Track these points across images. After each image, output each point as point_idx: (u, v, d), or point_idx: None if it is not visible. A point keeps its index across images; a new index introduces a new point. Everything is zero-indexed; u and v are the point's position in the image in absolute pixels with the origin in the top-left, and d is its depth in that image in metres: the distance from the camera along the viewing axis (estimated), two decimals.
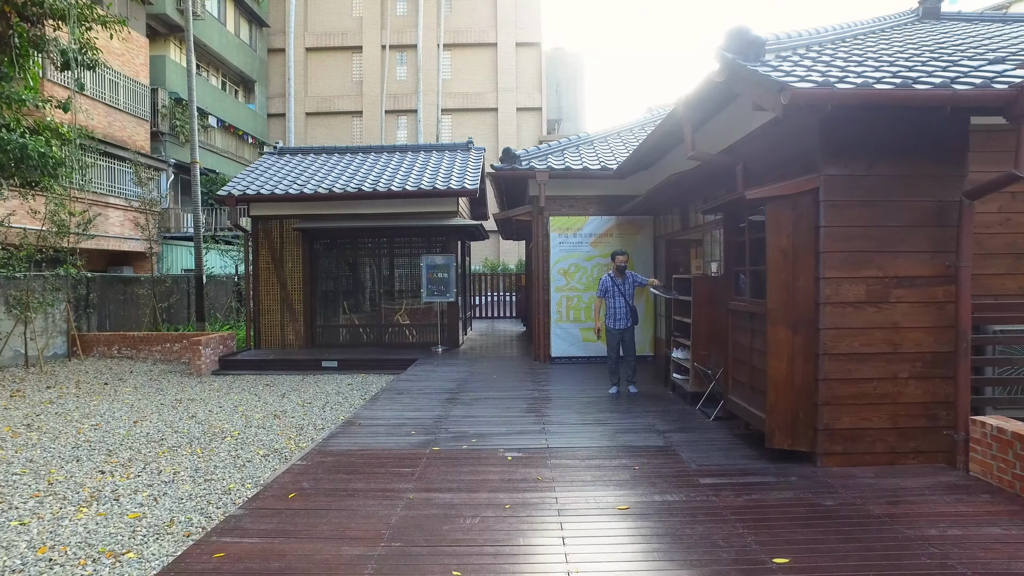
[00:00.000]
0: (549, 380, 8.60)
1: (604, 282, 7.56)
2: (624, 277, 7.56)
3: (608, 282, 7.53)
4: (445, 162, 13.14)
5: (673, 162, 8.65)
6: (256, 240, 12.35)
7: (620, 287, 7.51)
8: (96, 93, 19.59)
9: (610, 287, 7.51)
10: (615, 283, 7.50)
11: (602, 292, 7.57)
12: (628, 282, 7.57)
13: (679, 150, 8.28)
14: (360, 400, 8.35)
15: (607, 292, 7.53)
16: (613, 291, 7.50)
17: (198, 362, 10.39)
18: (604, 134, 11.61)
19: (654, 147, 7.90)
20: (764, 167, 5.42)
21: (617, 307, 7.49)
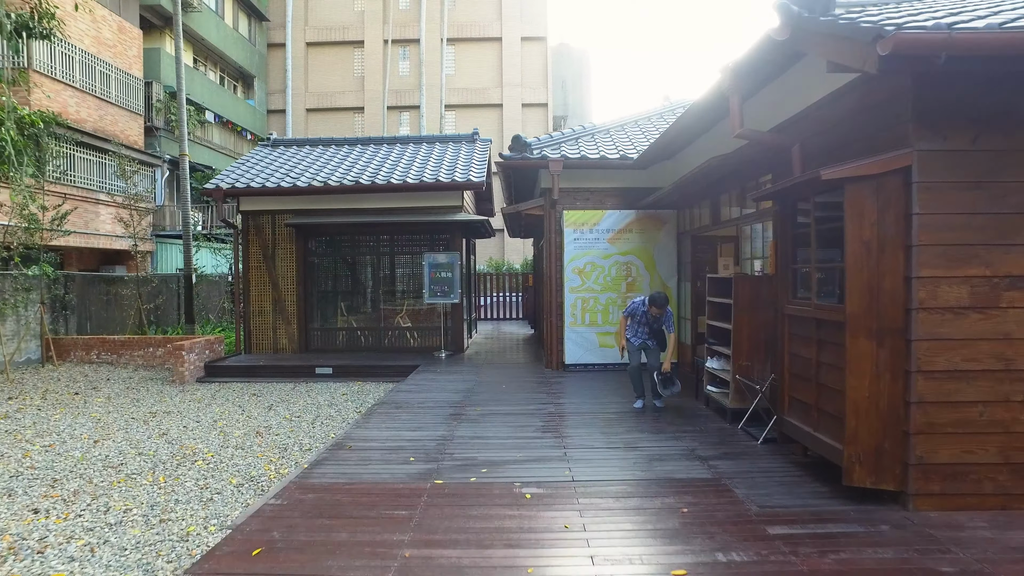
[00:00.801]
0: (565, 391, 7.74)
1: (635, 306, 6.72)
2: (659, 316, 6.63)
3: (639, 309, 6.68)
4: (449, 154, 12.30)
5: (701, 151, 7.81)
6: (246, 237, 11.53)
7: (649, 321, 6.66)
8: (86, 84, 18.82)
9: (640, 315, 6.67)
10: (645, 315, 6.65)
11: (628, 313, 6.79)
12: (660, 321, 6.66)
13: (710, 137, 7.44)
14: (355, 413, 7.51)
15: (633, 317, 6.73)
16: (641, 319, 6.68)
17: (181, 369, 9.56)
18: (621, 122, 10.75)
19: (684, 131, 7.04)
20: (829, 146, 4.55)
21: (639, 331, 6.71)
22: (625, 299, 9.24)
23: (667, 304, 6.55)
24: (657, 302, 6.48)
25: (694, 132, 7.29)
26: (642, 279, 9.29)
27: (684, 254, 9.22)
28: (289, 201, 11.36)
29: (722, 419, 6.11)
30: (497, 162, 8.95)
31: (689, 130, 7.04)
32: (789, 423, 4.70)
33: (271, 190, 10.87)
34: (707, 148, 7.61)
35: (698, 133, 7.50)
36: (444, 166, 11.42)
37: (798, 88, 4.84)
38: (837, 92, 4.27)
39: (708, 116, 6.30)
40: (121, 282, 13.05)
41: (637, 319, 6.67)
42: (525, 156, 8.94)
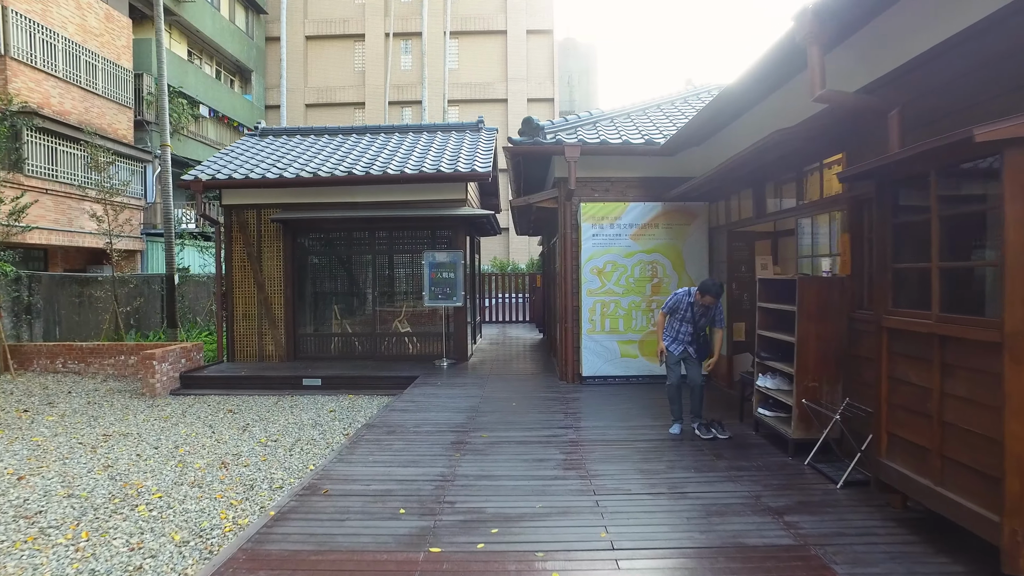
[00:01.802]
0: (584, 410, 6.68)
1: (679, 298, 5.68)
2: (707, 309, 5.62)
3: (684, 300, 5.64)
4: (451, 144, 11.24)
5: (738, 135, 6.80)
6: (229, 234, 10.49)
7: (695, 314, 5.60)
8: (69, 74, 17.86)
9: (684, 308, 5.62)
10: (691, 307, 5.59)
11: (669, 308, 5.72)
12: (710, 314, 5.64)
13: (753, 116, 6.39)
14: (342, 435, 6.46)
15: (676, 311, 5.66)
16: (685, 313, 5.61)
17: (151, 381, 8.54)
18: (643, 106, 9.68)
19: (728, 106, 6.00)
20: (946, 110, 3.48)
21: (681, 331, 5.63)
22: (650, 303, 8.17)
23: (723, 293, 5.53)
24: (711, 290, 5.44)
25: (740, 107, 6.26)
26: (669, 280, 8.21)
27: (717, 252, 8.15)
28: (276, 194, 10.33)
29: (780, 451, 5.04)
30: (506, 147, 7.90)
31: (736, 103, 6.00)
32: (890, 468, 3.62)
33: (255, 182, 9.84)
34: (747, 131, 6.57)
35: (741, 110, 6.47)
36: (446, 156, 10.37)
37: (900, 34, 3.77)
38: (967, 33, 3.20)
39: (763, 84, 5.25)
40: (95, 283, 12.03)
41: (680, 315, 5.62)
42: (537, 141, 7.88)
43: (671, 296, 5.75)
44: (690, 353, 5.63)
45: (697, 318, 5.61)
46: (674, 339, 5.68)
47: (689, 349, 5.61)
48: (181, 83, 23.40)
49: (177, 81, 23.12)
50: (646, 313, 8.18)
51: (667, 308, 5.73)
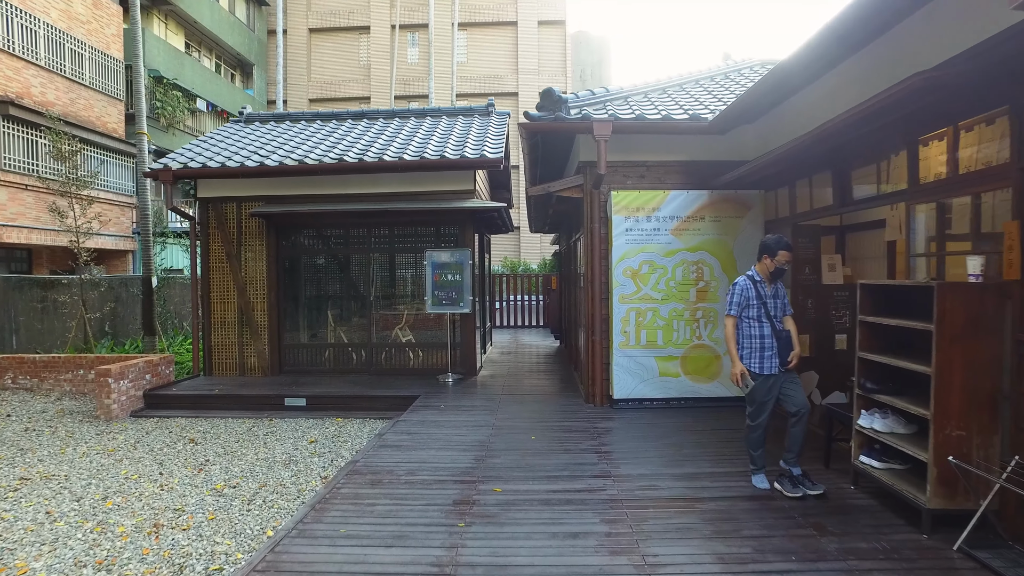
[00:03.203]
0: (621, 447, 5.33)
1: (744, 289, 4.30)
2: (776, 288, 4.32)
3: (750, 290, 4.27)
4: (458, 128, 9.93)
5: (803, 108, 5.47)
6: (206, 230, 9.24)
7: (771, 301, 4.25)
8: (52, 63, 16.74)
9: (754, 300, 4.25)
10: (761, 293, 4.23)
11: (738, 304, 4.30)
12: (780, 298, 4.33)
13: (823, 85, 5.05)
14: (318, 480, 5.16)
15: (749, 307, 4.27)
16: (759, 307, 4.23)
17: (107, 401, 7.29)
18: (680, 80, 8.32)
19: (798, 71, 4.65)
20: None
21: (764, 334, 4.22)
22: (695, 311, 6.81)
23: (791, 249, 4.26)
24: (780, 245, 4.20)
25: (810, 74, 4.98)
26: (717, 283, 6.85)
27: None
28: (258, 185, 9.07)
29: (904, 520, 3.67)
30: (522, 124, 6.57)
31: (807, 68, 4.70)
32: None
33: (233, 170, 8.57)
34: (813, 104, 5.24)
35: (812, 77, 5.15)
36: (452, 141, 9.05)
37: None
38: None
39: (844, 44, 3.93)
40: (59, 286, 10.82)
41: (754, 310, 4.23)
42: (559, 116, 6.54)
43: (732, 291, 4.34)
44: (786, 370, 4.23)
45: (775, 307, 4.26)
46: (759, 351, 4.21)
47: (775, 362, 4.22)
48: (177, 76, 22.29)
49: (173, 73, 22.03)
50: (690, 324, 6.82)
51: (735, 305, 4.28)
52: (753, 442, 4.33)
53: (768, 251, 4.23)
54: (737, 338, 4.30)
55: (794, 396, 4.16)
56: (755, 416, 4.29)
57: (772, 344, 4.19)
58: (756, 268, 4.34)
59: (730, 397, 6.86)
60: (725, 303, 4.41)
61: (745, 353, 4.25)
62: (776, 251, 4.19)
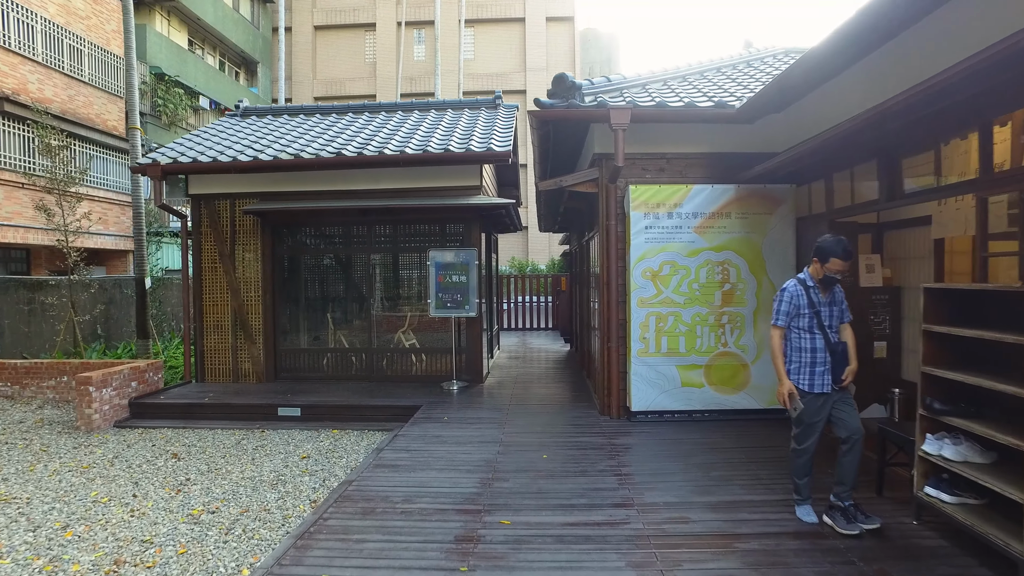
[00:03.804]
0: (643, 468, 4.79)
1: (793, 295, 3.71)
2: (833, 294, 3.73)
3: (801, 296, 3.70)
4: (464, 121, 9.42)
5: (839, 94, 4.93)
6: (198, 229, 8.77)
7: (825, 310, 3.68)
8: (50, 59, 16.38)
9: (805, 309, 3.68)
10: (814, 300, 3.67)
11: (786, 314, 3.72)
12: (837, 304, 3.74)
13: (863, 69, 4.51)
14: (307, 504, 4.66)
15: (800, 316, 3.69)
16: (810, 317, 3.67)
17: (87, 411, 6.83)
18: (700, 67, 7.77)
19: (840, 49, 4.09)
20: None
21: (816, 347, 3.65)
22: (720, 316, 6.26)
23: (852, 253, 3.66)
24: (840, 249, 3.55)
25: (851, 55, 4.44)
26: (744, 286, 6.30)
27: (809, 248, 6.19)
28: (252, 181, 8.59)
29: (983, 565, 3.11)
30: (532, 112, 6.04)
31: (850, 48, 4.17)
32: None
33: (226, 165, 8.09)
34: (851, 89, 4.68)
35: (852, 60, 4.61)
36: (457, 134, 8.54)
37: None
38: None
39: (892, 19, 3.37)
40: (48, 287, 10.38)
41: (806, 319, 3.65)
42: (572, 103, 6.00)
43: (779, 297, 3.75)
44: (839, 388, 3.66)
45: (829, 316, 3.68)
46: (809, 367, 3.65)
47: (828, 379, 3.65)
48: (179, 73, 21.93)
49: (175, 71, 21.67)
50: (714, 329, 6.27)
51: (783, 315, 3.71)
52: (799, 469, 3.77)
53: (820, 255, 3.63)
54: (784, 350, 3.74)
55: (846, 419, 3.60)
56: (802, 439, 3.73)
57: (824, 358, 3.63)
58: (808, 271, 3.76)
59: (758, 410, 6.30)
60: (773, 311, 3.80)
61: (792, 368, 3.69)
62: (828, 256, 3.58)
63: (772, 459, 4.94)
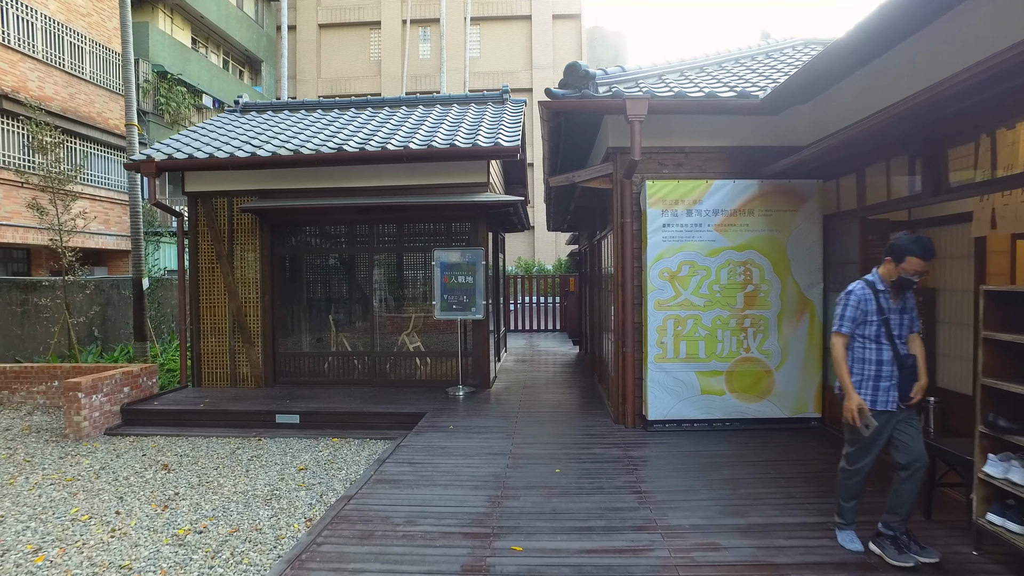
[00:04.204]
0: (664, 484, 4.43)
1: (861, 299, 3.30)
2: (904, 300, 3.33)
3: (869, 301, 3.29)
4: (470, 116, 9.08)
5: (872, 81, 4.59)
6: (194, 228, 8.47)
7: (895, 317, 3.29)
8: (50, 56, 16.15)
9: (873, 316, 3.27)
10: (884, 306, 3.28)
11: (852, 320, 3.30)
12: (908, 312, 3.34)
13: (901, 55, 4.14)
14: (302, 523, 4.32)
15: (866, 323, 3.29)
16: (878, 325, 3.27)
17: (76, 418, 6.52)
18: (718, 58, 7.40)
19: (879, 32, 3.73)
20: None
21: (883, 360, 3.26)
22: (742, 320, 5.89)
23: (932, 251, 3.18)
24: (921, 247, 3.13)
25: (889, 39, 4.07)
26: (768, 287, 5.92)
27: (837, 248, 5.84)
28: (250, 178, 8.28)
29: None
30: (543, 103, 5.69)
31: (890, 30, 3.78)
32: None
33: (223, 162, 7.78)
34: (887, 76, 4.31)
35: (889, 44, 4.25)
36: (463, 129, 8.19)
37: None
38: None
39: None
40: (40, 288, 10.11)
41: (873, 328, 3.25)
42: (586, 94, 5.65)
43: (844, 301, 3.33)
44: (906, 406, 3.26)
45: (900, 325, 3.28)
46: (872, 381, 3.24)
47: (893, 395, 3.25)
48: (182, 71, 21.71)
49: (178, 69, 21.44)
50: (736, 333, 5.90)
51: (848, 321, 3.29)
52: (847, 491, 3.39)
53: (895, 253, 3.22)
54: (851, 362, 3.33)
55: (910, 443, 3.20)
56: (855, 459, 3.34)
57: (891, 372, 3.23)
58: (879, 272, 3.35)
59: (783, 419, 5.94)
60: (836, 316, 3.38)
61: (853, 382, 3.29)
62: (903, 255, 3.17)
63: (803, 475, 4.58)
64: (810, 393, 5.93)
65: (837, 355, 3.32)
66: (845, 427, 3.35)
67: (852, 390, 3.24)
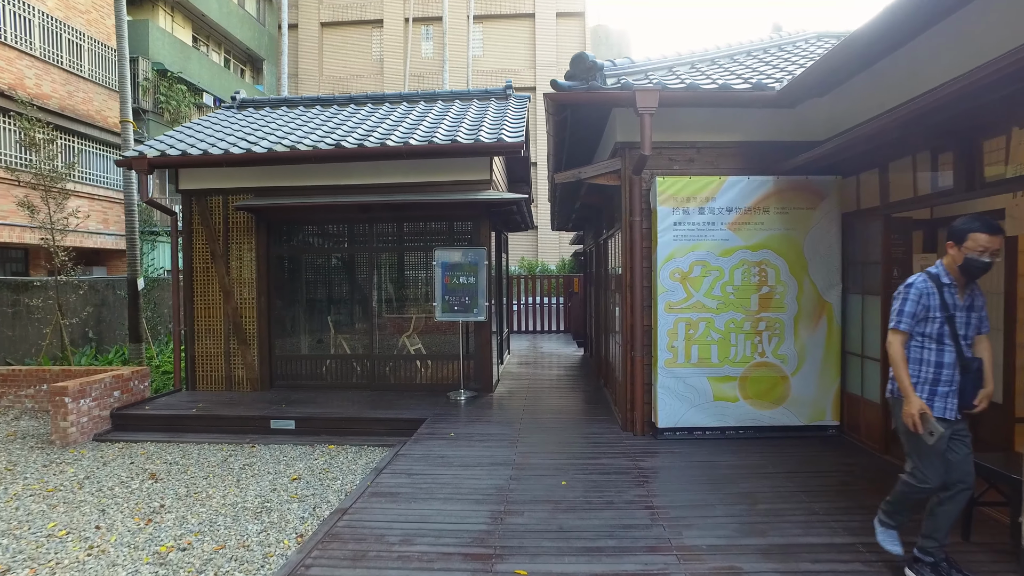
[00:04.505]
0: (678, 499, 4.16)
1: (922, 293, 2.96)
2: (972, 296, 3.00)
3: (932, 296, 2.95)
4: (473, 112, 8.82)
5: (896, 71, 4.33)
6: (188, 227, 8.23)
7: (961, 315, 2.95)
8: (48, 54, 15.95)
9: (936, 312, 2.93)
10: (948, 302, 2.94)
11: (912, 315, 2.97)
12: (976, 310, 3.00)
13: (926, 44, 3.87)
14: (292, 538, 4.07)
15: (928, 320, 2.96)
16: (941, 323, 2.93)
17: (63, 423, 6.28)
18: (728, 51, 7.12)
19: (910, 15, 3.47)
20: None
21: (944, 363, 2.93)
22: (757, 323, 5.61)
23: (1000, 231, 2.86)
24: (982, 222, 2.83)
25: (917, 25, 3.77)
26: (784, 289, 5.65)
27: (856, 247, 5.56)
28: (246, 175, 8.03)
29: None
30: (549, 94, 5.42)
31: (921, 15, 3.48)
32: None
33: (217, 158, 7.53)
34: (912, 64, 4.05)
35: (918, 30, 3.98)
36: (465, 125, 7.93)
37: None
38: None
39: None
40: (31, 288, 9.88)
41: (935, 325, 2.92)
42: (594, 86, 5.38)
43: (903, 294, 3.00)
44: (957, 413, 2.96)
45: (966, 324, 2.94)
46: (930, 385, 2.94)
47: (952, 403, 2.93)
48: (182, 69, 21.50)
49: (178, 67, 21.23)
50: (750, 337, 5.62)
51: (908, 316, 2.95)
52: (905, 500, 3.03)
53: (955, 236, 2.89)
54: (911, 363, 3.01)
55: (958, 461, 2.91)
56: (924, 475, 2.90)
57: (952, 377, 2.91)
58: (943, 263, 3.00)
59: (800, 427, 5.66)
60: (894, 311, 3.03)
61: (919, 383, 2.97)
62: (965, 233, 2.83)
63: (825, 488, 4.30)
64: (828, 400, 5.65)
65: (895, 354, 2.97)
66: (903, 437, 3.01)
67: (912, 392, 2.90)
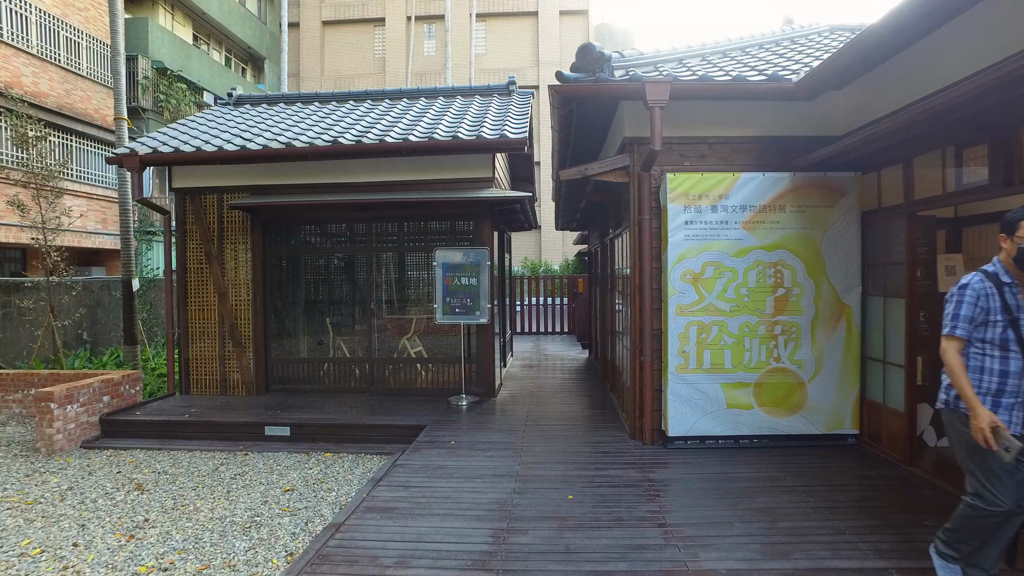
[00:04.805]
0: (692, 515, 3.90)
1: (979, 294, 2.68)
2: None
3: (991, 297, 2.67)
4: (475, 108, 8.57)
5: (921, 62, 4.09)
6: (182, 226, 8.00)
7: None
8: (45, 51, 15.76)
9: (997, 314, 2.66)
10: (1011, 303, 2.66)
11: (969, 319, 2.68)
12: None
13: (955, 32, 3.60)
14: (281, 558, 3.82)
15: (987, 325, 2.68)
16: (1003, 326, 2.65)
17: (48, 430, 6.05)
18: (739, 43, 6.85)
19: None
20: None
21: (1009, 372, 2.63)
22: (772, 327, 5.35)
23: None
24: None
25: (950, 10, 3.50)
26: (800, 291, 5.38)
27: (877, 247, 5.29)
28: (241, 174, 7.79)
29: None
30: (554, 87, 5.16)
31: None
32: None
33: (211, 155, 7.29)
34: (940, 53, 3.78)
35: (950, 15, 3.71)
36: (467, 121, 7.68)
37: None
38: None
39: None
40: (24, 290, 9.67)
41: (998, 328, 2.65)
42: (601, 78, 5.12)
43: (957, 296, 2.73)
44: None
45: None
46: (992, 396, 2.66)
47: (1018, 416, 2.64)
48: (182, 68, 21.29)
49: (178, 66, 21.03)
50: (765, 342, 5.36)
51: (965, 321, 2.68)
52: (972, 529, 2.68)
53: (1007, 228, 2.66)
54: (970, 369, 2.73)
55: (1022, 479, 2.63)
56: (992, 497, 2.59)
57: (1018, 387, 2.63)
58: (999, 259, 2.73)
59: (817, 435, 5.40)
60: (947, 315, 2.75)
61: (984, 392, 2.68)
62: (1017, 222, 2.61)
63: (848, 504, 4.04)
64: (847, 407, 5.38)
65: (951, 362, 2.67)
66: (966, 453, 2.70)
67: (980, 405, 2.59)
